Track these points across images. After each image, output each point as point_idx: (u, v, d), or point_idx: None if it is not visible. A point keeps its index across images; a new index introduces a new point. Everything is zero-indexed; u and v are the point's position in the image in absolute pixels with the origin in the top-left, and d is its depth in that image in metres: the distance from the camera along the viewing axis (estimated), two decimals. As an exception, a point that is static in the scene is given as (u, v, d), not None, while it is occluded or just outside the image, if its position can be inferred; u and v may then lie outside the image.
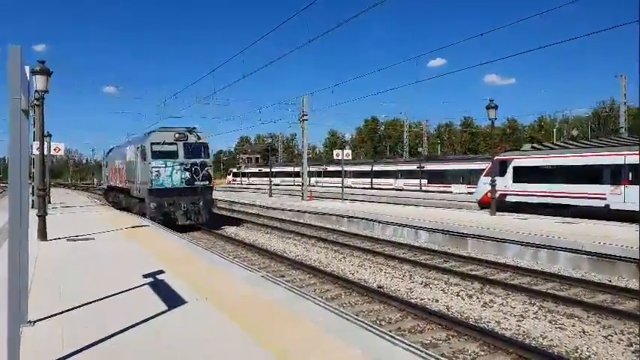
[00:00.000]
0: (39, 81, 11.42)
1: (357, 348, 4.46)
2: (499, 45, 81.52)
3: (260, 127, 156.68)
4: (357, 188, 45.70)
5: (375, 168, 49.05)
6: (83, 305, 5.99)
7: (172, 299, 6.21)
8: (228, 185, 74.42)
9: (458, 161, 41.32)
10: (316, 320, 5.33)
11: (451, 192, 36.94)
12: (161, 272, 7.93)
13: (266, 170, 53.76)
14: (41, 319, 5.38)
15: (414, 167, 43.08)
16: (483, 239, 13.72)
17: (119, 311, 5.75)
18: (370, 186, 47.38)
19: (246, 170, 79.23)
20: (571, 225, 14.64)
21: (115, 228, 14.56)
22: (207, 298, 6.30)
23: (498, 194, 19.05)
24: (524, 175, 20.18)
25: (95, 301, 6.17)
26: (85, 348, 4.51)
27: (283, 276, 10.64)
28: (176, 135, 18.43)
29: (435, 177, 40.66)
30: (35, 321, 5.30)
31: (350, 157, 35.50)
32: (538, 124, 79.84)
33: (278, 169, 63.33)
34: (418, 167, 42.41)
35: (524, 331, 7.07)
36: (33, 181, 20.76)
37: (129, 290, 6.75)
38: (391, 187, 44.24)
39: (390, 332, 5.28)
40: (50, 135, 24.88)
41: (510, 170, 20.64)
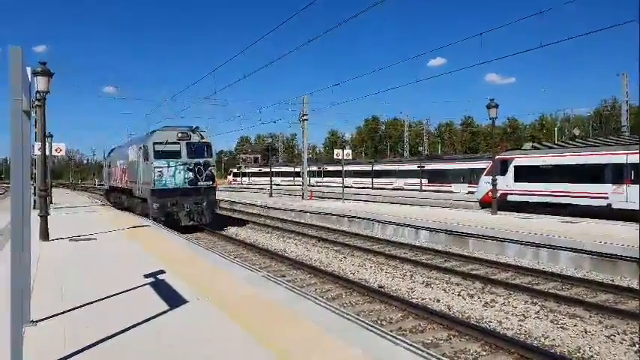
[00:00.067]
0: (40, 82, 11.48)
1: (358, 348, 4.46)
2: (499, 44, 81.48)
3: (260, 127, 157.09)
4: (358, 188, 45.70)
5: (376, 168, 49.01)
6: (85, 305, 6.01)
7: (173, 299, 6.22)
8: (228, 185, 74.44)
9: (458, 161, 41.26)
10: (317, 320, 5.33)
11: (452, 191, 36.92)
12: (162, 272, 7.95)
13: (266, 170, 53.81)
14: (43, 319, 5.40)
15: (415, 167, 43.05)
16: (484, 239, 13.72)
17: (121, 311, 5.76)
18: (371, 186, 47.39)
19: (246, 170, 79.26)
20: (573, 224, 14.63)
21: (116, 228, 14.58)
22: (208, 298, 6.30)
23: (499, 194, 19.04)
24: (525, 175, 20.16)
25: (97, 301, 6.19)
26: (87, 348, 4.52)
27: (284, 276, 10.65)
28: (179, 134, 18.10)
29: (436, 176, 40.62)
30: (37, 321, 5.31)
31: (350, 157, 35.50)
32: (539, 123, 79.83)
33: (278, 169, 63.37)
34: (419, 167, 42.39)
35: (525, 331, 7.07)
36: (35, 182, 20.80)
37: (130, 290, 6.76)
38: (392, 187, 44.22)
39: (391, 332, 5.28)
40: (52, 135, 24.94)
41: (511, 169, 20.62)
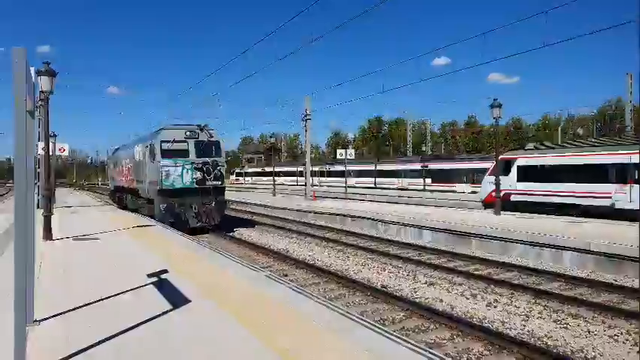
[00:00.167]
0: (44, 82, 11.53)
1: (362, 347, 4.46)
2: (503, 44, 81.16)
3: (263, 127, 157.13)
4: (361, 188, 45.69)
5: (379, 167, 48.97)
6: (88, 304, 6.03)
7: (176, 298, 6.24)
8: (231, 185, 74.56)
9: (462, 160, 41.19)
10: (320, 319, 5.34)
11: (455, 191, 36.87)
12: (165, 272, 7.97)
13: (269, 170, 53.88)
14: (47, 319, 5.42)
15: (418, 166, 43.01)
16: (488, 239, 13.69)
17: (124, 310, 5.78)
18: (374, 185, 47.35)
19: (249, 170, 79.36)
20: (576, 224, 14.58)
21: (120, 228, 14.62)
22: (211, 298, 6.31)
23: (503, 194, 18.99)
24: (528, 175, 20.09)
25: (100, 301, 6.21)
26: (90, 347, 4.53)
27: (287, 275, 10.66)
28: (187, 132, 17.46)
29: (439, 176, 40.56)
30: (41, 320, 5.34)
31: (353, 157, 35.52)
32: (542, 123, 79.50)
33: (281, 169, 63.43)
34: (422, 167, 42.34)
35: (529, 331, 7.05)
36: (38, 181, 20.89)
37: (134, 289, 6.78)
38: (395, 187, 44.18)
39: (395, 332, 5.28)
40: (55, 135, 25.08)
41: (515, 169, 20.55)
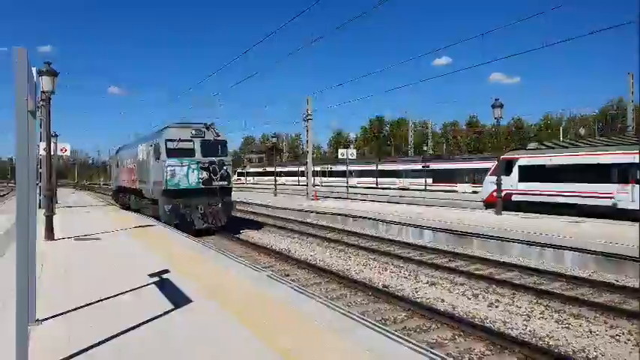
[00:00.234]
0: (45, 82, 11.52)
1: (363, 347, 4.46)
2: (504, 43, 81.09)
3: (265, 127, 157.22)
4: (362, 188, 45.69)
5: (380, 167, 48.97)
6: (90, 304, 6.03)
7: (178, 298, 6.24)
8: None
9: (463, 160, 41.18)
10: (322, 319, 5.34)
11: (456, 191, 36.84)
12: (167, 271, 7.98)
13: (271, 170, 53.89)
14: (49, 318, 5.43)
15: (419, 166, 43.00)
16: (489, 239, 13.68)
17: (126, 310, 5.79)
18: (375, 185, 47.34)
19: (251, 170, 79.40)
20: (578, 224, 14.55)
21: (122, 228, 14.63)
22: (213, 298, 6.32)
23: (504, 194, 18.97)
24: (530, 175, 20.06)
25: (102, 300, 6.22)
26: (92, 347, 4.54)
27: (288, 275, 10.67)
28: (192, 131, 16.96)
29: (441, 176, 40.54)
30: (43, 320, 5.34)
31: (355, 157, 35.50)
32: (544, 123, 79.39)
33: (283, 169, 63.45)
34: (423, 167, 42.33)
35: (530, 331, 7.05)
36: (40, 181, 20.93)
37: (135, 289, 6.78)
38: (396, 187, 44.17)
39: (396, 332, 5.28)
40: (57, 135, 25.12)
41: (516, 169, 20.52)
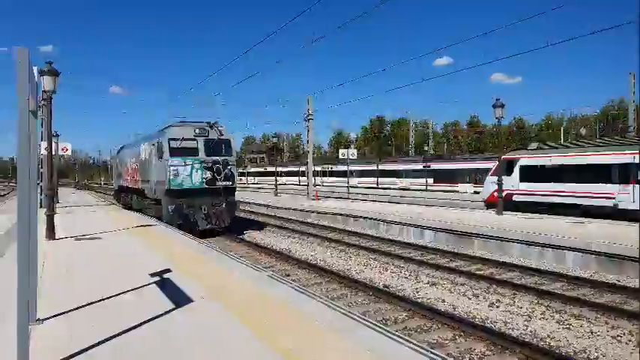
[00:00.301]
0: (47, 81, 11.53)
1: (364, 347, 4.45)
2: (505, 43, 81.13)
3: (265, 127, 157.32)
4: (363, 188, 45.68)
5: (381, 167, 48.96)
6: (91, 304, 6.04)
7: (179, 298, 6.24)
8: None
9: (464, 160, 41.15)
10: (322, 319, 5.34)
11: (457, 191, 36.82)
12: (168, 271, 7.98)
13: (272, 170, 53.91)
14: (50, 318, 5.43)
15: (420, 166, 42.98)
16: (490, 239, 13.67)
17: (127, 310, 5.79)
18: (376, 185, 47.33)
19: (251, 170, 79.42)
20: (579, 224, 14.54)
21: (123, 227, 14.64)
22: (214, 297, 6.32)
23: (505, 194, 18.94)
24: (531, 175, 20.04)
25: (103, 300, 6.22)
26: (93, 346, 4.54)
27: (289, 275, 10.67)
28: (196, 130, 16.66)
29: (442, 176, 40.52)
30: (44, 319, 5.35)
31: (355, 157, 35.48)
32: (545, 123, 79.33)
33: (283, 169, 63.46)
34: (424, 167, 42.31)
35: (531, 331, 7.04)
36: (41, 181, 20.95)
37: (136, 289, 6.79)
38: (397, 187, 44.16)
39: (397, 332, 5.27)
40: (58, 135, 25.15)
41: (517, 169, 20.51)
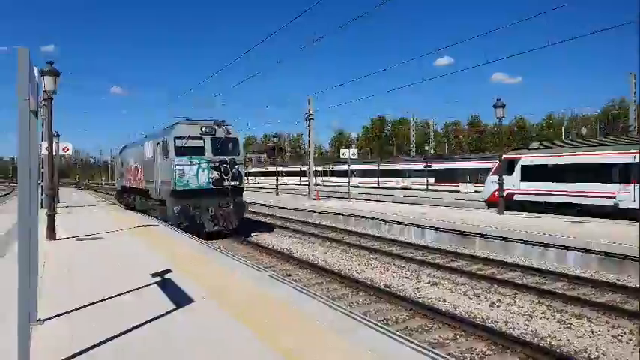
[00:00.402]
0: (47, 81, 11.53)
1: (365, 347, 4.45)
2: (506, 43, 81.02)
3: (266, 127, 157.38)
4: (364, 188, 45.67)
5: (382, 167, 48.96)
6: (92, 304, 6.04)
7: (180, 298, 6.24)
8: None
9: (465, 160, 41.12)
10: (323, 319, 5.34)
11: (458, 191, 36.80)
12: (169, 271, 7.98)
13: (273, 170, 53.92)
14: (51, 318, 5.44)
15: (421, 166, 42.97)
16: (491, 239, 13.66)
17: (128, 310, 5.79)
18: (377, 185, 47.33)
19: (252, 170, 79.43)
20: (579, 224, 14.53)
21: (124, 227, 14.65)
22: (215, 297, 6.32)
23: (506, 193, 18.94)
24: (532, 174, 20.04)
25: (104, 300, 6.22)
26: (94, 346, 4.54)
27: (290, 275, 10.66)
28: (203, 129, 16.13)
29: (443, 176, 40.50)
30: (45, 319, 5.35)
31: (356, 157, 35.48)
32: (546, 123, 79.29)
33: (284, 169, 63.49)
34: (425, 166, 42.29)
35: (532, 331, 7.04)
36: (42, 181, 20.97)
37: (137, 289, 6.79)
38: (398, 187, 44.15)
39: (398, 331, 5.27)
40: (59, 135, 25.16)
41: (518, 169, 20.50)
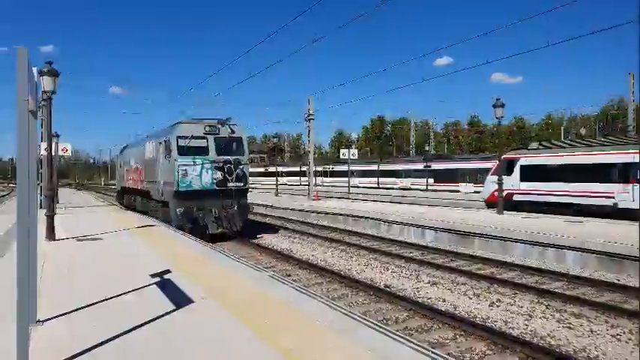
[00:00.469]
0: (46, 82, 11.49)
1: (365, 347, 4.45)
2: (505, 43, 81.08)
3: (266, 127, 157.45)
4: (364, 188, 45.68)
5: (382, 167, 48.96)
6: (92, 305, 6.03)
7: (180, 299, 6.24)
8: None
9: (465, 160, 41.14)
10: (323, 319, 5.33)
11: (458, 191, 36.80)
12: (168, 272, 7.97)
13: (272, 170, 53.92)
14: (50, 319, 5.42)
15: (421, 166, 42.98)
16: (490, 238, 13.66)
17: (127, 311, 5.78)
18: (377, 185, 47.33)
19: (252, 170, 79.34)
20: (579, 224, 14.54)
21: (123, 228, 14.63)
22: (215, 297, 6.32)
23: (505, 193, 18.95)
24: (531, 174, 20.05)
25: (103, 301, 6.21)
26: (94, 347, 4.54)
27: (290, 275, 10.67)
28: (206, 127, 15.65)
29: (442, 176, 40.52)
30: (44, 320, 5.34)
31: (356, 157, 35.50)
32: (545, 123, 79.30)
33: (284, 169, 63.47)
34: (425, 166, 42.30)
35: (531, 330, 7.04)
36: (41, 182, 20.94)
37: (137, 290, 6.78)
38: (398, 187, 44.15)
39: (398, 331, 5.27)
40: (58, 135, 25.13)
41: (517, 169, 20.51)
